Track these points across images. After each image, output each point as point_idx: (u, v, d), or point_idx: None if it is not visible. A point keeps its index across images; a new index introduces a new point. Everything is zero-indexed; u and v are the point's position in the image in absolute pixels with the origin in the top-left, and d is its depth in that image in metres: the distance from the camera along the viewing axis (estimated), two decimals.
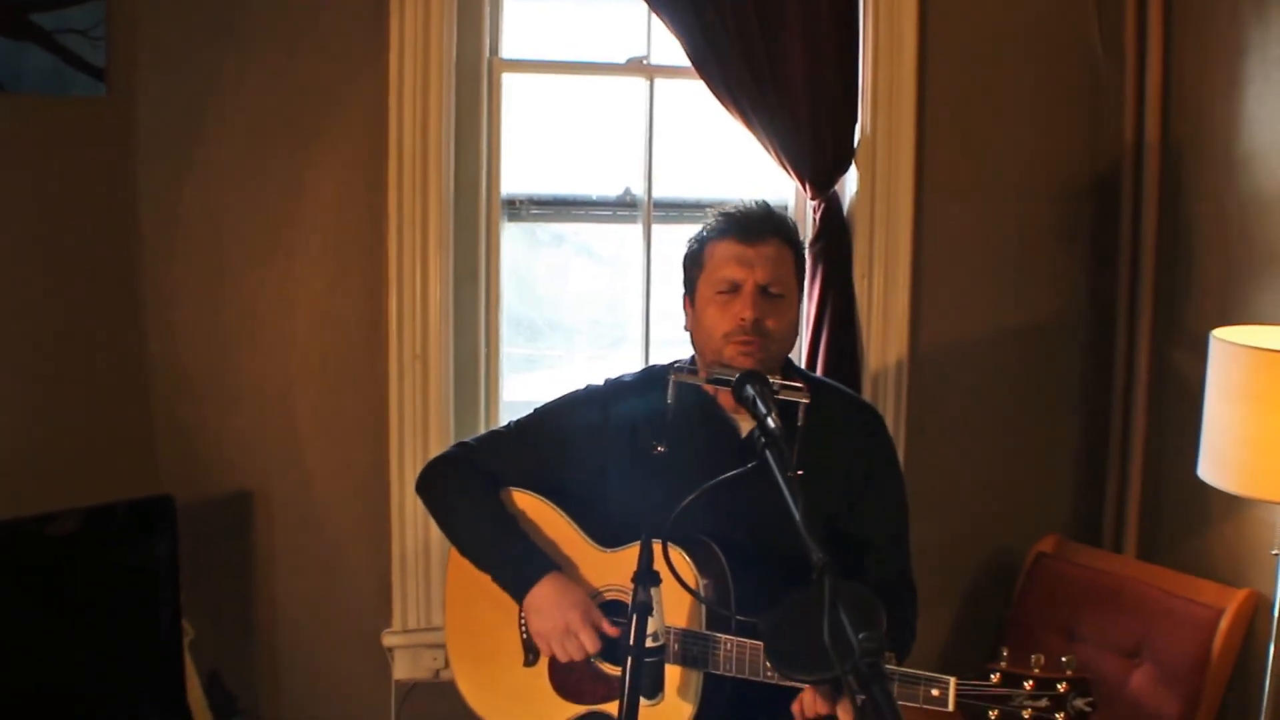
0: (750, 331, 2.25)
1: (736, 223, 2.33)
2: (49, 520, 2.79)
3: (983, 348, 3.42)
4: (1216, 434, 2.59)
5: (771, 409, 1.97)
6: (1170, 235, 3.24)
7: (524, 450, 2.48)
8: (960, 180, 3.36)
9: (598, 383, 2.53)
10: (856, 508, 2.39)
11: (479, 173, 3.26)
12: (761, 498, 2.33)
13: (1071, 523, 3.49)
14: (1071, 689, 1.87)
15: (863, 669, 1.77)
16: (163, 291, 3.13)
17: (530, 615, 2.32)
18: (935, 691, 1.96)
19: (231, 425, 3.19)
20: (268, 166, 3.13)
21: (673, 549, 2.22)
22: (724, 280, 2.29)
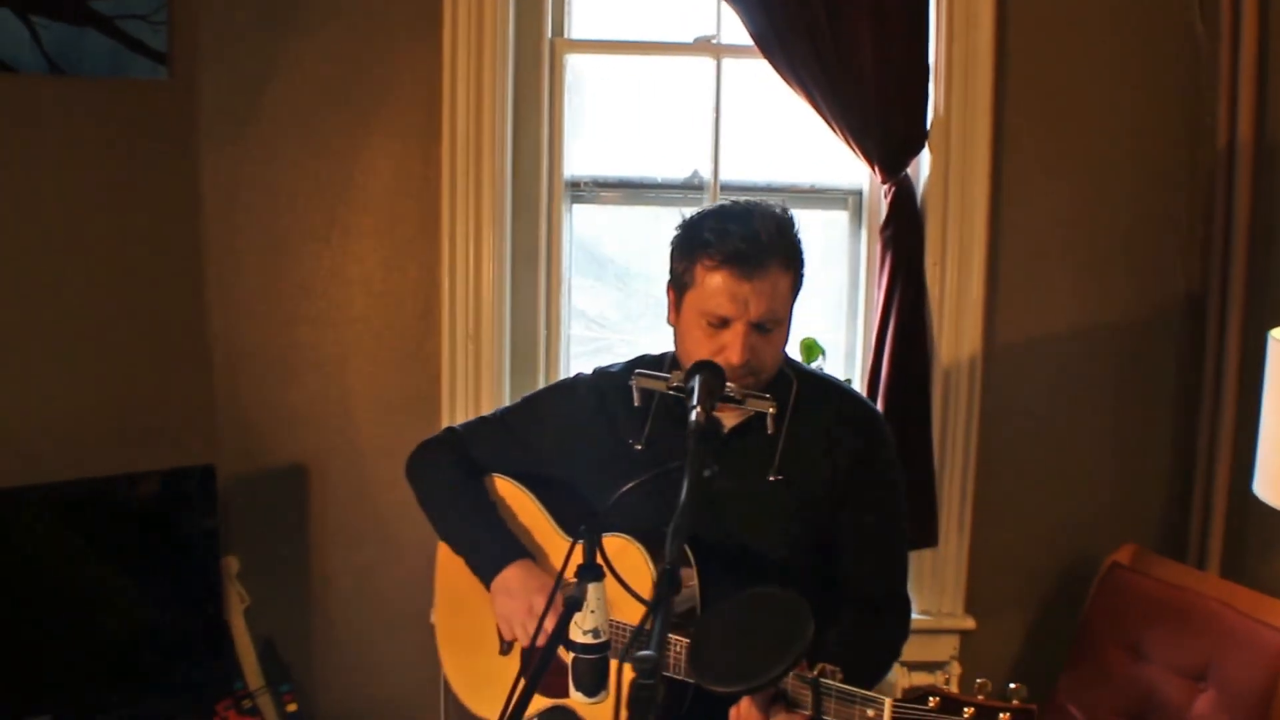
0: (740, 373, 2.09)
1: (730, 252, 2.08)
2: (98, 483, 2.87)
3: (1064, 342, 3.18)
4: (1273, 448, 2.35)
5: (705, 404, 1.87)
6: (1264, 231, 2.95)
7: (508, 438, 2.41)
8: (1041, 164, 3.12)
9: (586, 373, 2.44)
10: (842, 514, 2.23)
11: (540, 154, 3.19)
12: (737, 496, 2.25)
13: (1157, 534, 3.22)
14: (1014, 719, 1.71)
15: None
16: (224, 267, 3.18)
17: (496, 599, 2.26)
18: (870, 712, 1.79)
19: (288, 400, 3.22)
20: (325, 146, 3.13)
21: (630, 543, 2.14)
22: (713, 314, 2.11)
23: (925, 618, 3.22)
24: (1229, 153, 3.03)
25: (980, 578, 3.24)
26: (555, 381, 2.54)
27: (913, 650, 3.21)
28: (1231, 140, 3.01)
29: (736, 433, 2.23)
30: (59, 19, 2.89)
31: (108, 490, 2.88)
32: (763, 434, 2.10)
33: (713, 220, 2.14)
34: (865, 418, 2.31)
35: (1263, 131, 2.97)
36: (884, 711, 1.79)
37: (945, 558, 3.21)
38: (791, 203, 3.30)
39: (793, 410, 2.23)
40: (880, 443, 2.30)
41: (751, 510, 2.21)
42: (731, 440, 2.22)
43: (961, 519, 3.19)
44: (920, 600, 3.23)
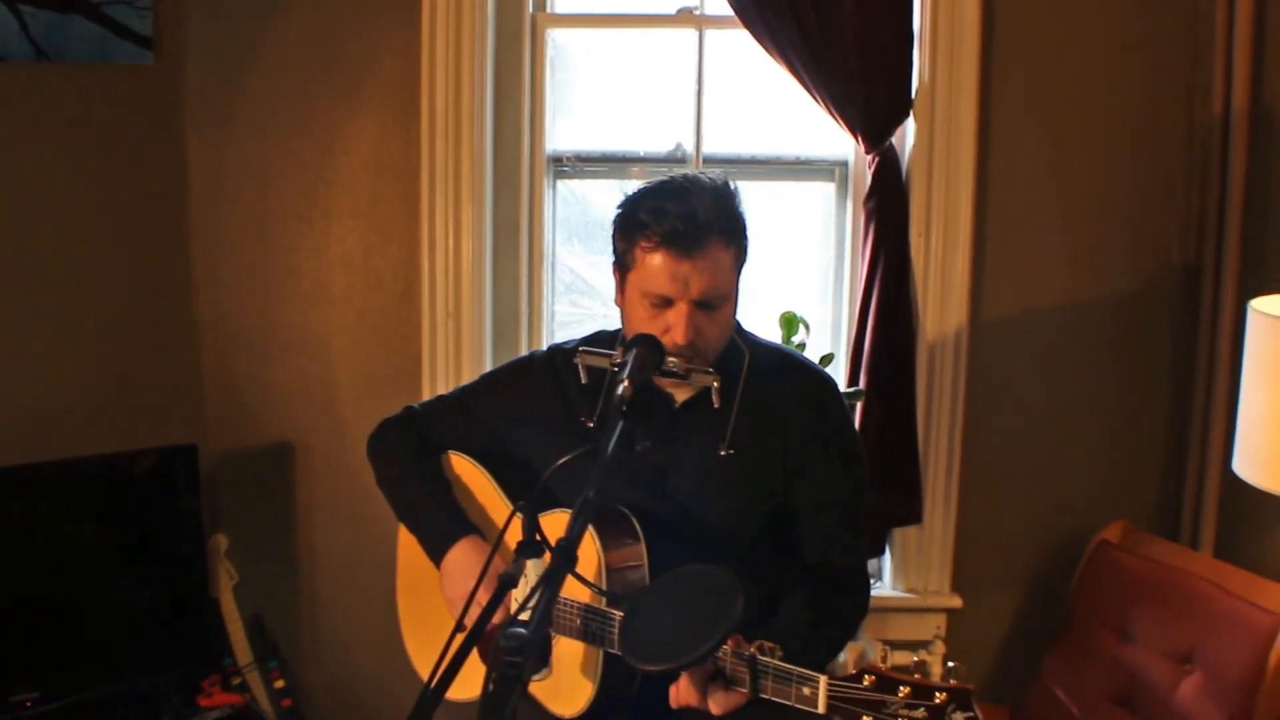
0: (684, 352, 2.01)
1: (668, 231, 2.00)
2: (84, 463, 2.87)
3: (1053, 315, 3.06)
4: (1252, 422, 2.24)
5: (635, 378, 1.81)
6: (1260, 200, 2.82)
7: (464, 416, 2.35)
8: (1030, 132, 3.00)
9: (542, 350, 2.37)
10: (797, 486, 2.14)
11: (521, 130, 3.12)
12: (689, 471, 2.17)
13: (1149, 512, 3.10)
14: (950, 700, 1.60)
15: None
16: (210, 249, 3.18)
17: (443, 579, 2.21)
18: (806, 690, 1.72)
19: (273, 378, 3.20)
20: (308, 126, 3.11)
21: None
22: (654, 294, 2.02)
23: (910, 596, 3.13)
24: (1224, 120, 2.89)
25: (967, 555, 3.14)
26: (512, 359, 2.47)
27: (897, 629, 3.16)
28: (1226, 107, 2.88)
29: (687, 407, 2.16)
30: (46, 7, 2.88)
31: (91, 470, 2.87)
32: (714, 407, 2.04)
33: (650, 200, 2.05)
34: (818, 388, 2.21)
35: (1259, 98, 2.84)
36: (819, 690, 1.72)
37: (931, 535, 3.11)
38: (777, 175, 3.27)
39: (745, 383, 2.15)
40: (834, 413, 2.20)
41: (703, 485, 2.14)
42: (682, 415, 2.16)
43: (947, 496, 3.09)
44: (905, 578, 3.15)
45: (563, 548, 1.56)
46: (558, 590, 1.56)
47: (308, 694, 3.32)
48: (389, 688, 3.16)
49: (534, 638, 1.40)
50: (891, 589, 3.18)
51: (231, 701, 2.99)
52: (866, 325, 3.01)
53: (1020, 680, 2.95)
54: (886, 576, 3.20)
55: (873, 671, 1.68)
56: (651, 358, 1.90)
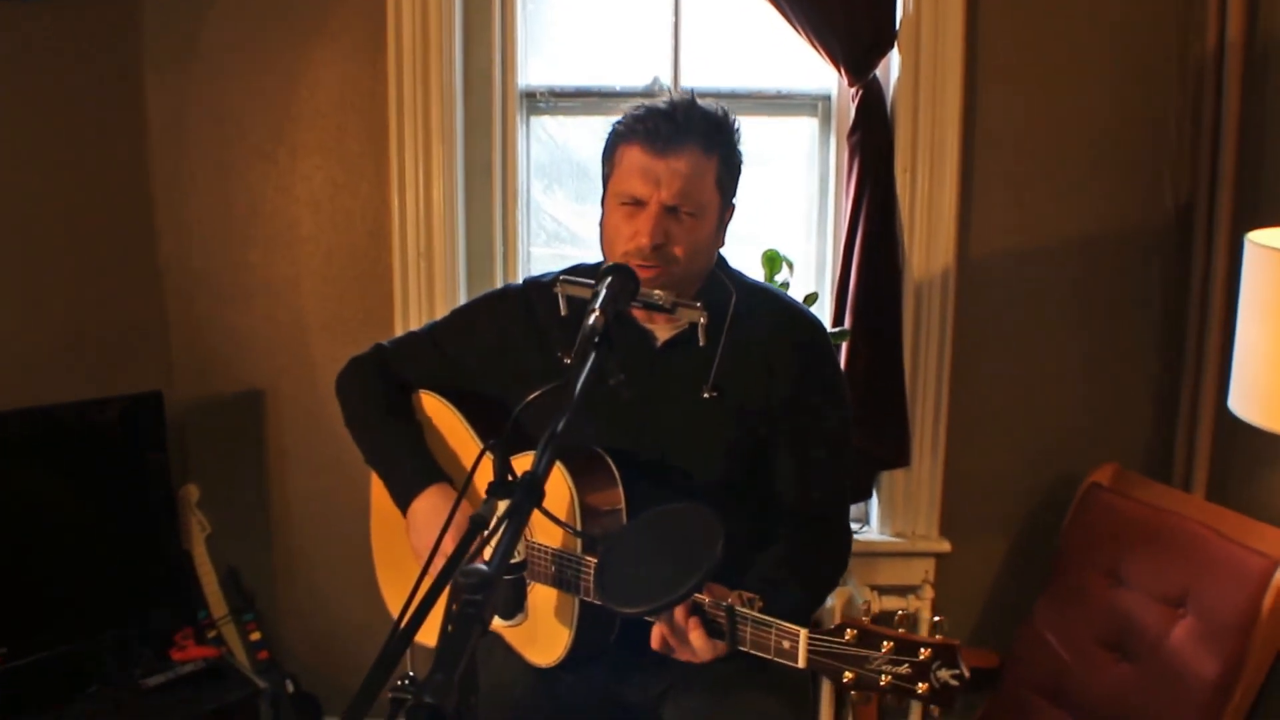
0: (649, 256, 1.88)
1: (647, 128, 1.90)
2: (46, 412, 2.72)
3: (1043, 253, 2.92)
4: (1248, 358, 2.09)
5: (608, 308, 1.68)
6: (1255, 134, 2.67)
7: (436, 354, 2.20)
8: (1019, 64, 2.85)
9: (517, 283, 2.22)
10: (780, 428, 2.00)
11: (492, 64, 2.95)
12: (670, 412, 2.02)
13: (1141, 454, 2.99)
14: (935, 656, 1.48)
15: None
16: (172, 190, 3.01)
17: (409, 528, 2.07)
18: (786, 644, 1.60)
19: (241, 322, 3.05)
20: (270, 62, 2.94)
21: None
22: (627, 194, 1.91)
23: (899, 540, 3.01)
24: (1218, 52, 2.75)
25: (955, 499, 3.03)
26: (486, 292, 2.33)
27: (885, 574, 3.04)
28: (1221, 40, 2.73)
29: (669, 346, 2.01)
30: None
31: (52, 420, 2.72)
32: (697, 347, 1.90)
33: (637, 107, 1.96)
34: (806, 329, 2.07)
35: (1254, 30, 2.68)
36: (799, 643, 1.60)
37: (919, 479, 2.99)
38: (758, 110, 3.08)
39: (730, 323, 2.01)
40: (821, 355, 2.06)
41: (685, 427, 2.00)
42: (664, 354, 2.01)
43: (935, 439, 2.97)
44: (893, 522, 3.03)
45: (527, 481, 1.43)
46: (522, 526, 1.43)
47: (284, 646, 3.19)
48: (368, 637, 3.04)
49: (494, 574, 1.27)
50: (879, 533, 3.06)
51: (205, 655, 2.86)
52: (851, 264, 2.87)
53: (1010, 625, 2.83)
54: (874, 521, 3.08)
55: (855, 625, 1.55)
56: (626, 287, 1.76)
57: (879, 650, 1.53)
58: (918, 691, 1.50)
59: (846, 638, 1.55)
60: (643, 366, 2.00)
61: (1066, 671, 2.66)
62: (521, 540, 1.76)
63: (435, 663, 1.17)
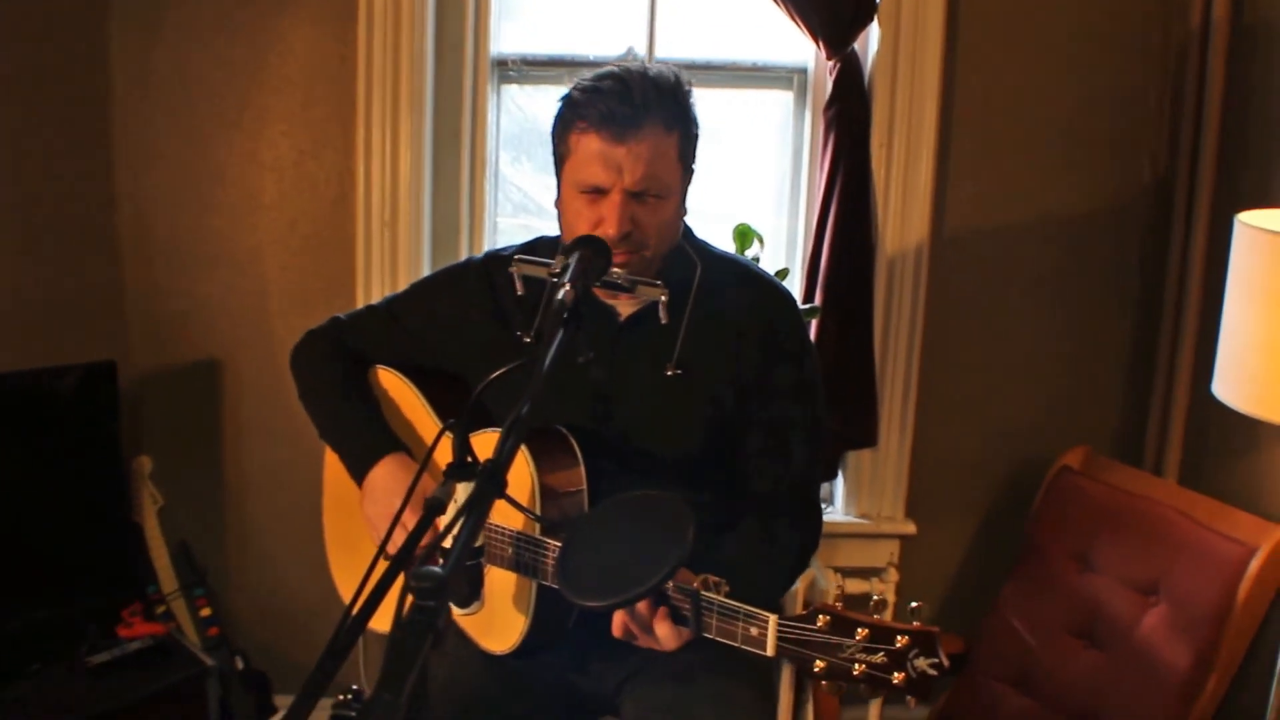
0: (617, 245, 1.78)
1: (601, 113, 1.79)
2: None
3: (1019, 231, 2.87)
4: (1235, 343, 2.03)
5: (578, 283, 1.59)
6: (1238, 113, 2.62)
7: (393, 328, 2.10)
8: (1000, 39, 2.79)
9: (479, 256, 2.11)
10: (748, 408, 1.92)
11: (464, 31, 2.84)
12: (633, 391, 1.92)
13: (1113, 436, 2.95)
14: (913, 644, 1.41)
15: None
16: (134, 154, 2.89)
17: (364, 499, 1.97)
18: (754, 630, 1.52)
19: (201, 292, 2.94)
20: (238, 25, 2.82)
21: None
22: (587, 183, 1.81)
23: (864, 521, 2.96)
24: (1203, 30, 2.68)
25: (922, 480, 2.98)
26: (446, 266, 2.23)
27: (849, 555, 2.96)
28: (1206, 16, 2.67)
29: (632, 322, 1.92)
30: None
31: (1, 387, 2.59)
32: (661, 323, 1.81)
33: (587, 83, 1.83)
34: (775, 303, 1.97)
35: (1238, 8, 2.62)
36: (768, 630, 1.52)
37: (886, 458, 2.94)
38: (733, 82, 2.99)
39: (695, 297, 1.92)
40: (791, 331, 1.97)
41: (649, 405, 1.91)
42: (627, 330, 1.92)
43: (904, 418, 2.91)
44: (859, 503, 2.97)
45: (489, 470, 1.34)
46: (483, 519, 1.34)
47: (236, 622, 3.09)
48: (321, 615, 2.93)
49: (451, 578, 1.18)
50: (844, 514, 3.00)
51: (152, 632, 2.75)
52: (824, 239, 2.79)
53: (976, 610, 2.78)
54: (839, 501, 3.02)
55: (828, 611, 1.47)
56: (597, 261, 1.67)
57: (853, 638, 1.44)
58: (894, 682, 1.42)
59: (818, 624, 1.47)
60: (605, 343, 1.91)
61: (1033, 659, 2.60)
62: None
63: (382, 676, 1.07)
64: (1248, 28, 2.61)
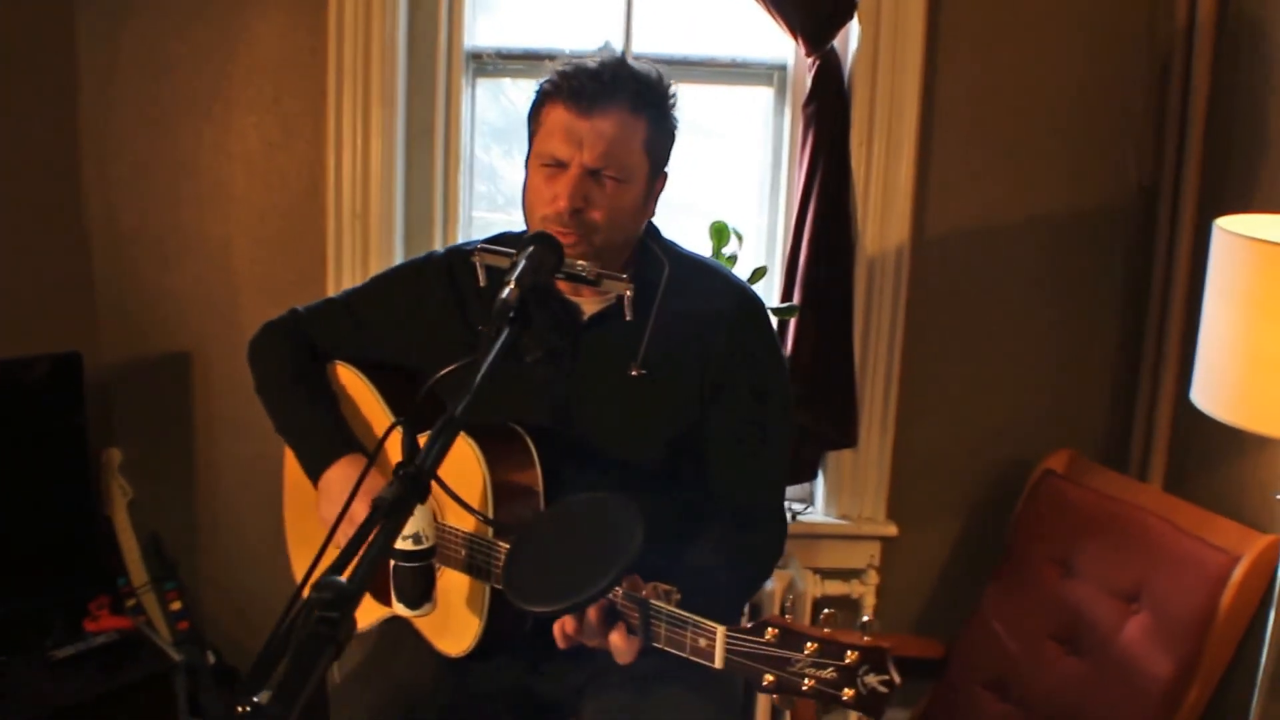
0: (566, 221, 1.73)
1: (571, 85, 1.75)
2: None
3: (1002, 233, 2.79)
4: (1213, 350, 1.97)
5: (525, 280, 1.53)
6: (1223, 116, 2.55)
7: (351, 323, 2.04)
8: (982, 37, 2.72)
9: (440, 250, 2.04)
10: (712, 412, 1.86)
11: (438, 23, 2.78)
12: (595, 392, 1.86)
13: (1098, 440, 2.88)
14: (863, 660, 1.34)
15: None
16: (102, 144, 2.83)
17: (320, 499, 1.92)
18: (703, 642, 1.46)
19: (170, 284, 2.88)
20: (207, 12, 2.75)
21: (463, 440, 1.76)
22: (549, 155, 1.76)
23: (844, 523, 2.89)
24: (1188, 30, 2.61)
25: (904, 481, 2.91)
26: (408, 260, 2.17)
27: (829, 557, 2.90)
28: (1191, 16, 2.60)
29: (597, 320, 1.86)
30: None
31: None
32: (627, 324, 1.75)
33: (564, 63, 1.80)
34: (742, 304, 1.91)
35: (1225, 11, 2.55)
36: (716, 642, 1.46)
37: (866, 459, 2.87)
38: (712, 78, 2.92)
39: (662, 297, 1.86)
40: (759, 334, 1.91)
41: (611, 406, 1.86)
42: (591, 329, 1.86)
43: (884, 418, 2.85)
44: (839, 504, 2.90)
45: (410, 475, 1.28)
46: (398, 527, 1.28)
47: (207, 616, 3.03)
48: None
49: (354, 590, 1.12)
50: (824, 515, 2.93)
51: (119, 626, 2.69)
52: (802, 237, 2.72)
53: (957, 614, 2.72)
54: (819, 502, 2.95)
55: (777, 624, 1.41)
56: (549, 259, 1.61)
57: (801, 652, 1.38)
58: (843, 698, 1.36)
59: (767, 637, 1.41)
60: (568, 341, 1.86)
61: (1013, 664, 2.55)
62: (431, 525, 1.61)
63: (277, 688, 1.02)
64: (1233, 28, 2.54)
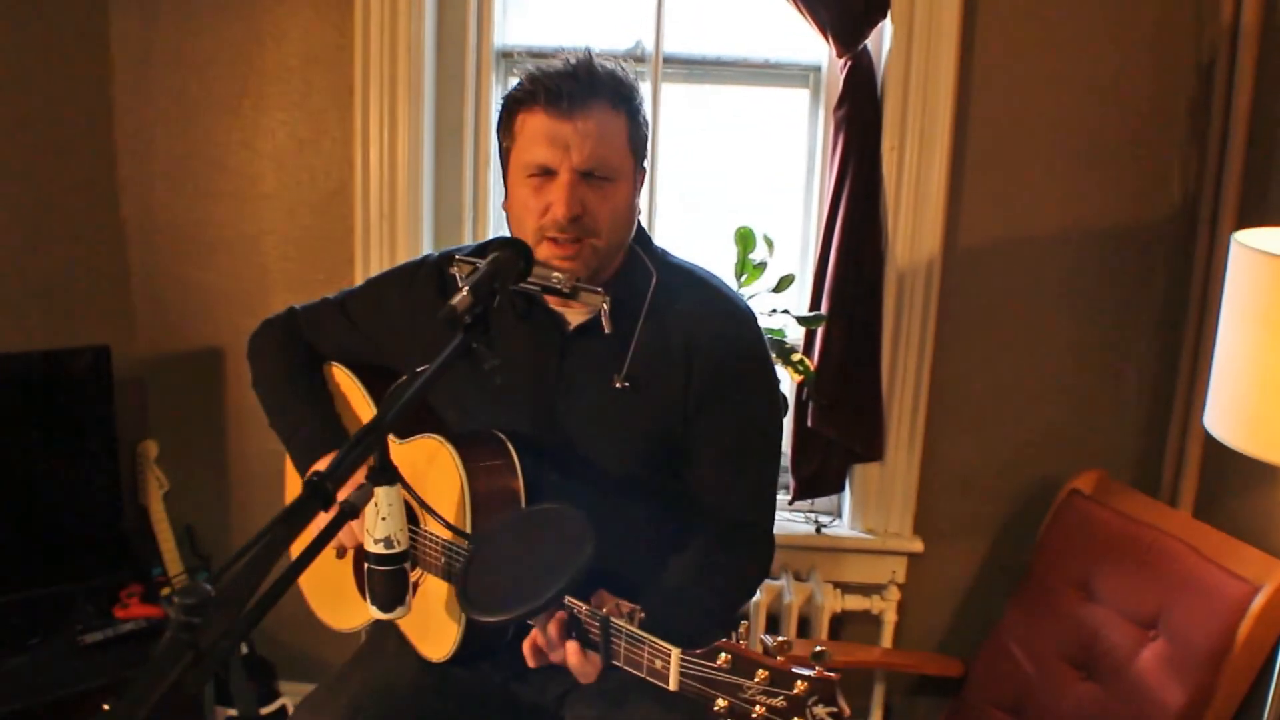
0: (566, 229, 1.71)
1: (547, 89, 1.72)
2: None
3: (1039, 244, 2.69)
4: (1229, 374, 1.87)
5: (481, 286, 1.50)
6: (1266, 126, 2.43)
7: (345, 323, 2.04)
8: (1019, 39, 2.61)
9: (435, 254, 2.03)
10: (697, 427, 1.82)
11: (467, 21, 2.77)
12: (582, 405, 1.83)
13: (1131, 462, 2.77)
14: (811, 691, 1.30)
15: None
16: (136, 141, 2.88)
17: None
18: (658, 664, 1.44)
19: (204, 279, 2.91)
20: (235, 12, 2.78)
21: (442, 446, 1.78)
22: (534, 164, 1.73)
23: (869, 537, 2.82)
24: (1232, 35, 2.50)
25: (931, 497, 2.83)
26: (402, 263, 2.16)
27: (851, 571, 2.85)
28: (1236, 21, 2.48)
29: (582, 330, 1.84)
30: None
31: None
32: (613, 334, 1.75)
33: (531, 69, 1.77)
34: (733, 319, 1.87)
35: (1270, 18, 2.43)
36: (671, 664, 1.43)
37: (893, 474, 2.80)
38: (745, 79, 2.88)
39: (649, 307, 1.83)
40: (747, 347, 1.87)
41: (594, 418, 1.83)
42: (577, 339, 1.84)
43: (912, 432, 2.77)
44: (865, 518, 2.84)
45: (314, 483, 1.27)
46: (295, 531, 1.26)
47: None
48: None
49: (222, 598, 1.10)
50: (850, 529, 2.86)
51: (148, 614, 2.75)
52: (831, 245, 2.66)
53: (979, 633, 2.65)
54: (845, 515, 2.89)
55: (729, 650, 1.38)
56: (514, 264, 1.58)
57: (752, 679, 1.35)
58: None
59: (719, 662, 1.37)
60: (552, 352, 1.84)
61: (1029, 687, 2.47)
62: (403, 529, 1.60)
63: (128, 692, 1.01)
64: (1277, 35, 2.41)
